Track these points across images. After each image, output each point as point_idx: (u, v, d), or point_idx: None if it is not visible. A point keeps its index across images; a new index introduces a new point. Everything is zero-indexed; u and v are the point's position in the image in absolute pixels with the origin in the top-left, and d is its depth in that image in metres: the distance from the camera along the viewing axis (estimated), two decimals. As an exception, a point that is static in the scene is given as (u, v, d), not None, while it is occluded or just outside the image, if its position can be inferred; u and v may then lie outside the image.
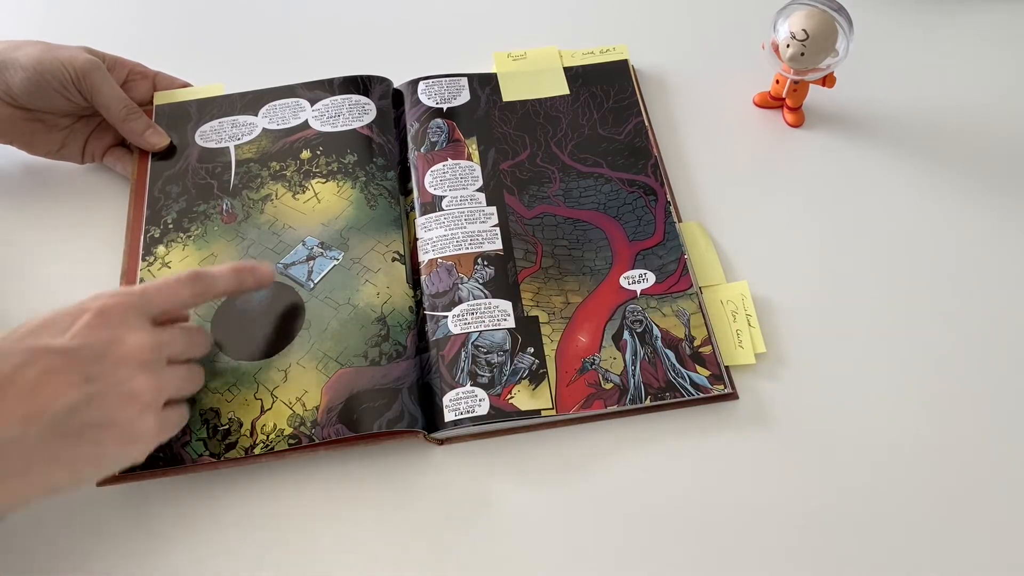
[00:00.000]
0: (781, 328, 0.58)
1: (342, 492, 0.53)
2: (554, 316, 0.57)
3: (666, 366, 0.55)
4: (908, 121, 0.69)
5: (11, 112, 0.62)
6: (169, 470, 0.52)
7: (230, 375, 0.55)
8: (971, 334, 0.58)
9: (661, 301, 0.58)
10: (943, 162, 0.67)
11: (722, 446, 0.54)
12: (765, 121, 0.70)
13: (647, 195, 0.63)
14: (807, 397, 0.56)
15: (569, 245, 0.61)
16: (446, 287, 0.58)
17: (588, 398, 0.54)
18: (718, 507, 0.52)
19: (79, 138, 0.65)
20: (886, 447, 0.54)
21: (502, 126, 0.67)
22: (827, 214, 0.64)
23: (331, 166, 0.64)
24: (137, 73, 0.68)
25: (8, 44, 0.61)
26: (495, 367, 0.55)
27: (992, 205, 0.64)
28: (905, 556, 0.50)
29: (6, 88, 0.60)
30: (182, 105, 0.68)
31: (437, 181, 0.64)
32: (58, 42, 0.62)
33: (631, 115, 0.68)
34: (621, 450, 0.54)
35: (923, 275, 0.61)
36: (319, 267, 0.60)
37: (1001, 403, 0.56)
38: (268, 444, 0.52)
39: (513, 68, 0.71)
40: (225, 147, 0.66)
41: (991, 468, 0.53)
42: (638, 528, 0.51)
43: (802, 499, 0.52)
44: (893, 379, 0.57)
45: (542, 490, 0.53)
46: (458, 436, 0.54)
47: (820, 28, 0.61)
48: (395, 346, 0.56)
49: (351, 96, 0.68)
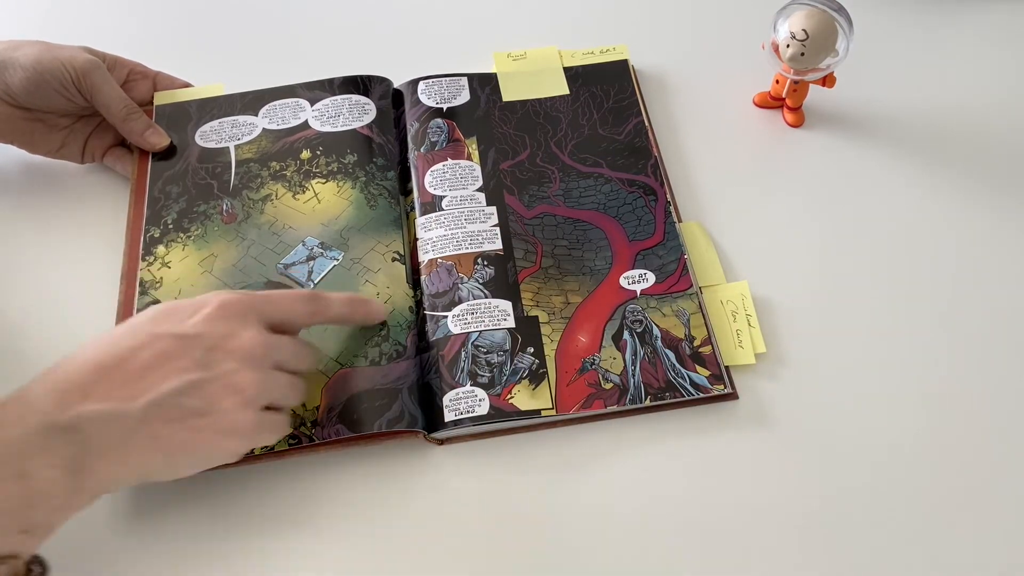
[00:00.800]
0: (781, 328, 0.58)
1: (342, 492, 0.53)
2: (554, 316, 0.57)
3: (666, 366, 0.55)
4: (908, 121, 0.69)
5: (11, 112, 0.62)
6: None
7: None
8: (971, 334, 0.58)
9: (661, 301, 0.58)
10: (943, 162, 0.67)
11: (722, 446, 0.54)
12: (765, 121, 0.70)
13: (647, 195, 0.63)
14: (807, 397, 0.56)
15: (569, 245, 0.61)
16: (446, 287, 0.59)
17: (588, 398, 0.54)
18: (718, 507, 0.52)
19: (79, 138, 0.65)
20: (886, 447, 0.54)
21: (502, 126, 0.67)
22: (827, 214, 0.64)
23: (331, 166, 0.64)
24: (137, 73, 0.68)
25: (8, 44, 0.61)
26: (495, 367, 0.55)
27: (992, 205, 0.64)
28: (905, 556, 0.50)
29: (5, 88, 0.60)
30: (182, 105, 0.68)
31: (437, 181, 0.64)
32: (58, 42, 0.62)
33: (631, 115, 0.68)
34: (621, 450, 0.54)
35: (923, 275, 0.61)
36: (319, 267, 0.60)
37: (1001, 403, 0.56)
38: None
39: (513, 68, 0.71)
40: (225, 147, 0.66)
41: (991, 468, 0.53)
42: (638, 528, 0.51)
43: (802, 499, 0.52)
44: (893, 379, 0.57)
45: (542, 490, 0.53)
46: (458, 436, 0.54)
47: (820, 28, 0.61)
48: (395, 346, 0.56)
49: (351, 96, 0.68)
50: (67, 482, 0.41)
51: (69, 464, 0.41)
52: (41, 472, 0.40)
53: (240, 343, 0.47)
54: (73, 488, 0.42)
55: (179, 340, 0.46)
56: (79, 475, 0.42)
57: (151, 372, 0.44)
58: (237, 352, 0.47)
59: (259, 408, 0.47)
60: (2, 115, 0.62)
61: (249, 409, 0.47)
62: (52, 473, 0.41)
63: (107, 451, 0.42)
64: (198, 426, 0.45)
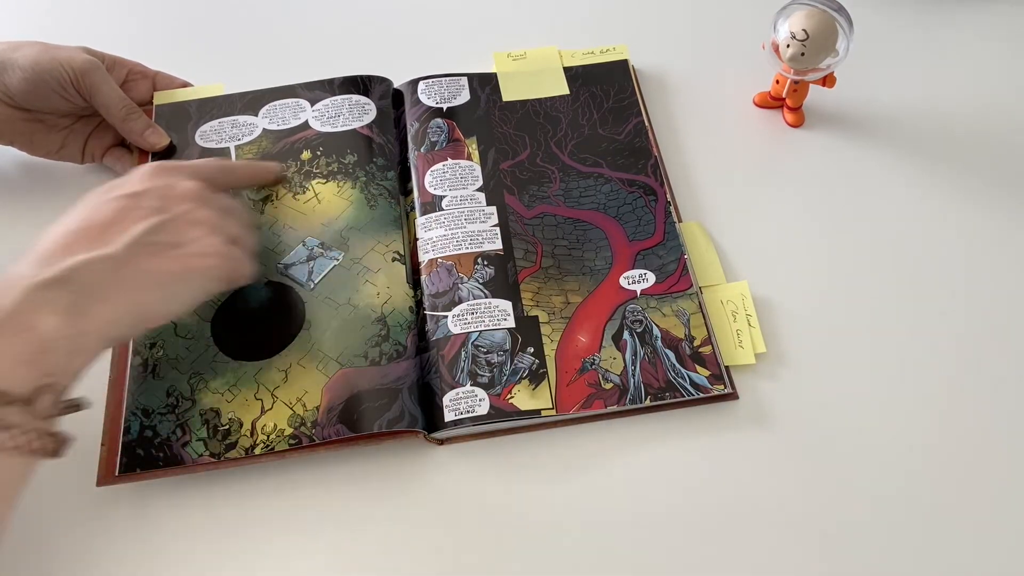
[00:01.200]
0: (781, 328, 0.58)
1: (342, 492, 0.53)
2: (554, 316, 0.57)
3: (666, 366, 0.55)
4: (908, 121, 0.69)
5: (10, 113, 0.62)
6: (169, 470, 0.52)
7: (231, 375, 0.55)
8: (971, 334, 0.58)
9: (661, 301, 0.58)
10: (943, 162, 0.67)
11: (722, 446, 0.54)
12: (765, 121, 0.70)
13: (647, 195, 0.63)
14: (807, 397, 0.56)
15: (569, 245, 0.61)
16: (446, 287, 0.59)
17: (588, 398, 0.54)
18: (718, 507, 0.52)
19: (79, 138, 0.65)
20: (886, 447, 0.54)
21: (502, 126, 0.67)
22: (827, 214, 0.64)
23: (331, 166, 0.64)
24: (137, 73, 0.68)
25: (6, 45, 0.61)
26: (495, 367, 0.55)
27: (992, 205, 0.64)
28: (905, 556, 0.50)
29: (5, 89, 0.61)
30: (182, 105, 0.68)
31: (437, 181, 0.64)
32: (58, 42, 0.62)
33: (631, 115, 0.68)
34: (621, 450, 0.54)
35: (923, 275, 0.61)
36: (319, 267, 0.60)
37: (1001, 403, 0.56)
38: (268, 444, 0.52)
39: (513, 68, 0.71)
40: (225, 147, 0.66)
41: (991, 468, 0.53)
42: (638, 528, 0.51)
43: (802, 498, 0.52)
44: (893, 379, 0.57)
45: (542, 490, 0.53)
46: (458, 436, 0.54)
47: (820, 28, 0.61)
48: (395, 346, 0.56)
49: (351, 96, 0.68)
50: (71, 326, 0.44)
51: (69, 309, 0.44)
52: (45, 321, 0.43)
53: (184, 189, 0.52)
54: (79, 331, 0.44)
55: (131, 198, 0.50)
56: (81, 318, 0.44)
57: (118, 224, 0.48)
58: (185, 196, 0.52)
59: (223, 235, 0.52)
60: (2, 116, 0.62)
61: (215, 236, 0.51)
62: (54, 320, 0.43)
63: (102, 292, 0.46)
64: (178, 256, 0.49)
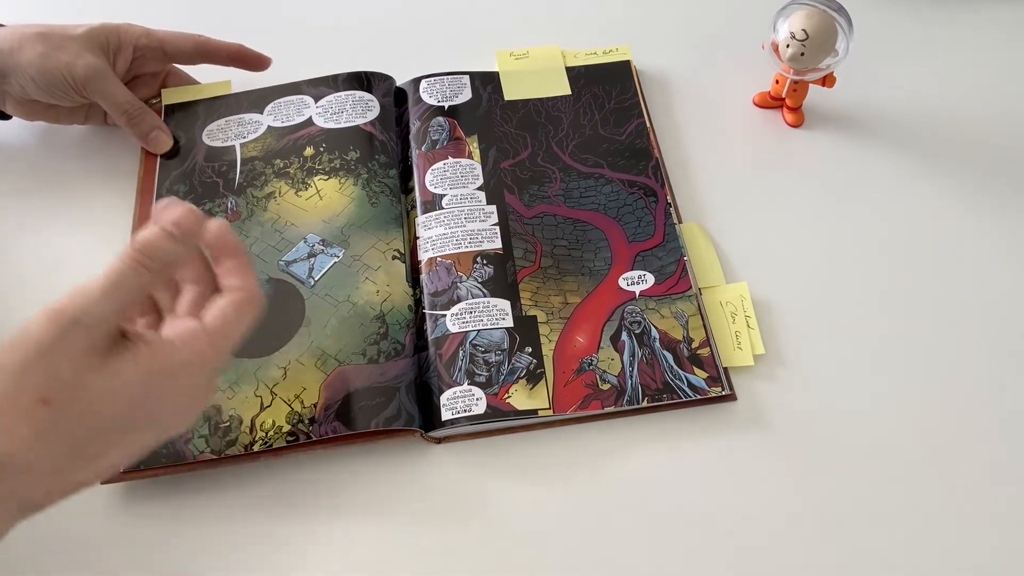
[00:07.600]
0: (780, 330, 0.59)
1: (339, 490, 0.53)
2: (552, 316, 0.58)
3: (664, 367, 0.56)
4: (908, 121, 0.69)
5: (32, 103, 0.64)
6: (170, 468, 0.52)
7: (231, 371, 0.56)
8: (970, 335, 0.58)
9: (660, 302, 0.58)
10: (943, 162, 0.67)
11: (720, 448, 0.54)
12: (765, 121, 0.70)
13: (647, 196, 0.63)
14: (805, 399, 0.56)
15: (569, 245, 0.61)
16: (445, 286, 0.59)
17: (585, 399, 0.55)
18: (716, 508, 0.52)
19: (100, 110, 0.66)
20: (885, 449, 0.54)
21: (503, 125, 0.67)
22: (827, 214, 0.64)
23: (334, 163, 0.65)
24: (143, 47, 0.66)
25: (9, 44, 0.61)
26: (493, 366, 0.56)
27: (992, 205, 0.64)
28: (904, 556, 0.50)
29: (22, 91, 0.62)
30: (191, 106, 0.69)
31: (438, 179, 0.64)
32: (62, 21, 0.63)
33: (633, 116, 0.68)
34: (618, 451, 0.54)
35: (923, 276, 0.61)
36: (320, 264, 0.60)
37: (1001, 403, 0.56)
38: (267, 441, 0.53)
39: (515, 67, 0.71)
40: (231, 146, 0.66)
41: (991, 468, 0.53)
42: (635, 529, 0.52)
43: (800, 500, 0.52)
44: (892, 380, 0.57)
45: (539, 490, 0.53)
46: (455, 435, 0.55)
47: (820, 28, 0.61)
48: (393, 344, 0.56)
49: (355, 92, 0.68)
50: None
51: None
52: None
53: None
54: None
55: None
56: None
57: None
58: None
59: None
60: (25, 107, 0.65)
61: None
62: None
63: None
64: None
